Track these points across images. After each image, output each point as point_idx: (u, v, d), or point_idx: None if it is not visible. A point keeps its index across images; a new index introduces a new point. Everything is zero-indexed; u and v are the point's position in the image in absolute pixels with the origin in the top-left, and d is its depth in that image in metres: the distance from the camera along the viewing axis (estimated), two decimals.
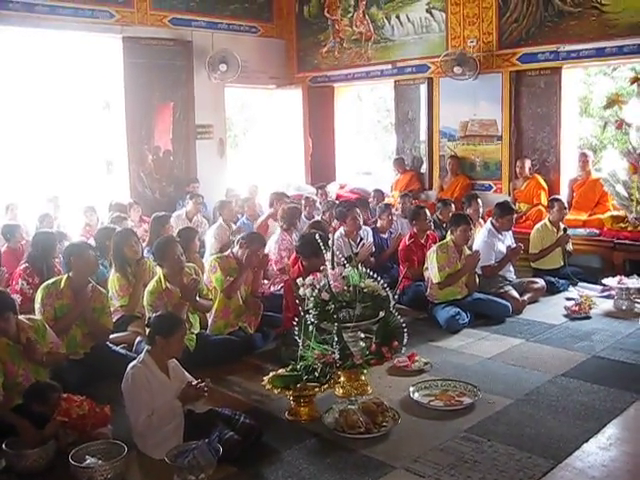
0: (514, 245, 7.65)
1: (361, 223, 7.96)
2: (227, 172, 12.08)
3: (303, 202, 9.42)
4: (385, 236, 8.41)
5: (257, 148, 14.09)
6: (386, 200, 10.13)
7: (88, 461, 3.80)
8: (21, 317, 4.75)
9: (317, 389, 4.58)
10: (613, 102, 8.94)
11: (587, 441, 4.14)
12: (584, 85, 13.27)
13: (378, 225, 8.48)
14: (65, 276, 5.61)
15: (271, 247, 7.68)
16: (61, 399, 4.22)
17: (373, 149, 16.62)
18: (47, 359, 4.67)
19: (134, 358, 4.72)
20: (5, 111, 11.62)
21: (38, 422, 4.12)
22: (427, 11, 10.71)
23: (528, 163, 9.77)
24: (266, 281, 7.36)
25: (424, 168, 11.27)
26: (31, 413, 4.20)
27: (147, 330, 4.46)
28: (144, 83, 10.86)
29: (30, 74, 11.49)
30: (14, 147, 11.93)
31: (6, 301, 4.64)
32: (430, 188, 11.12)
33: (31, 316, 5.04)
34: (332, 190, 11.53)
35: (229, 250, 6.48)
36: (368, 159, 15.16)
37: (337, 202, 9.85)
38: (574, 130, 10.50)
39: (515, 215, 8.02)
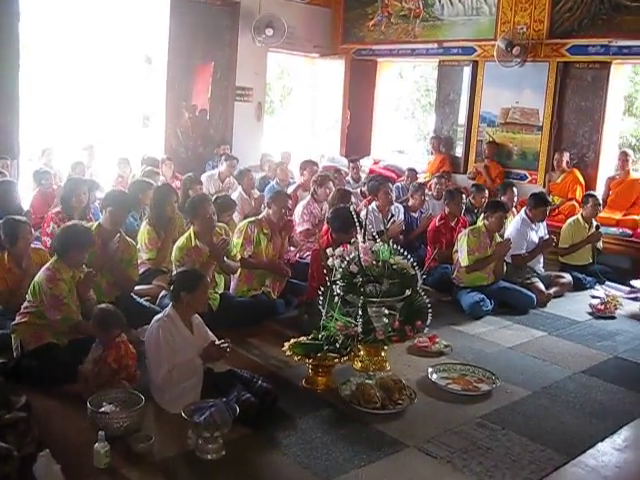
0: (547, 236, 7.58)
1: (393, 199, 7.92)
2: (263, 137, 12.02)
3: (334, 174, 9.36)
4: (416, 215, 8.35)
5: (294, 116, 14.01)
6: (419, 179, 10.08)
7: (105, 408, 3.85)
8: None
9: (336, 360, 4.59)
10: None
11: (602, 440, 4.12)
12: (630, 83, 13.01)
13: (410, 204, 8.42)
14: (96, 224, 5.66)
15: (297, 214, 7.71)
16: (120, 341, 4.29)
17: (409, 128, 16.47)
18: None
19: (157, 311, 4.78)
20: (50, 58, 11.67)
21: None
22: None
23: (566, 156, 9.58)
24: (292, 248, 7.37)
25: (459, 152, 11.16)
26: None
27: (171, 287, 4.45)
28: (188, 40, 10.79)
29: (76, 24, 11.49)
30: (56, 94, 11.99)
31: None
32: (465, 172, 11.00)
33: None
34: (366, 165, 11.47)
35: (261, 214, 6.49)
36: (403, 137, 15.04)
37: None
38: (616, 127, 10.30)
39: (549, 207, 7.91)
